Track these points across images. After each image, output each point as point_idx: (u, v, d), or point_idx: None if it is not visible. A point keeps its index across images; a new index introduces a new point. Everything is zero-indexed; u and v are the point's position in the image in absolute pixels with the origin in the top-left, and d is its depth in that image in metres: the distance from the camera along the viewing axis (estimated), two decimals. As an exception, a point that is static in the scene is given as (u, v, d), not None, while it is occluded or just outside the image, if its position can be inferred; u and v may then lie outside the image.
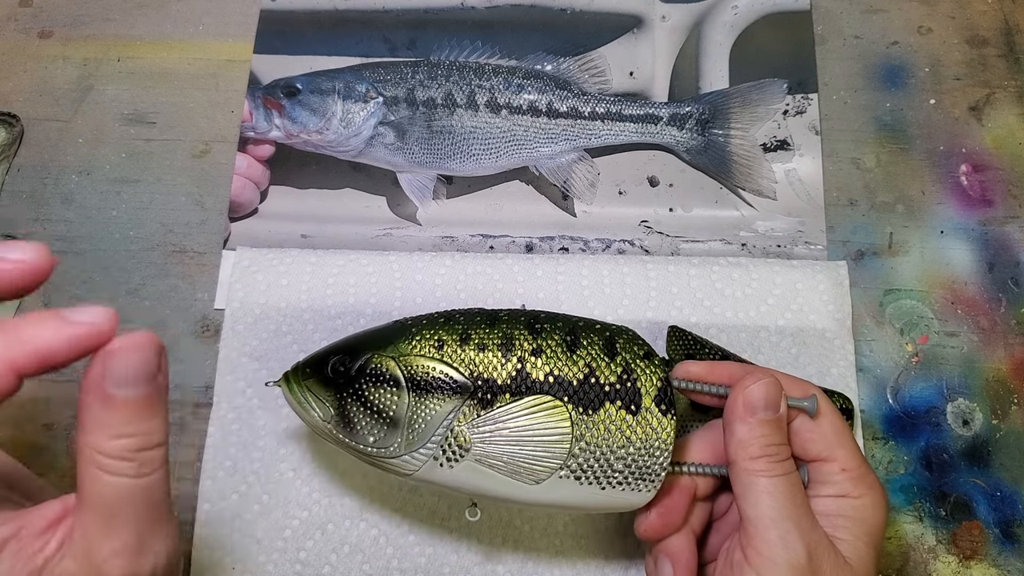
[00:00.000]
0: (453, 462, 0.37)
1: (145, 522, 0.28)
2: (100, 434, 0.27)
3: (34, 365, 0.27)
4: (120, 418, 0.28)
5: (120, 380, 0.27)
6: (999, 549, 0.46)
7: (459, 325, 0.38)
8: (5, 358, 0.26)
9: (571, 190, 0.54)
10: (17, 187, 0.54)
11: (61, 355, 0.27)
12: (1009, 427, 0.48)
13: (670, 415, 0.37)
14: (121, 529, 0.28)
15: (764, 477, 0.36)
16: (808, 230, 0.52)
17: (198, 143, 0.55)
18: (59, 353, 0.27)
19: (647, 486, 0.37)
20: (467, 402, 0.36)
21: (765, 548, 0.35)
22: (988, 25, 0.57)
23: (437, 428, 0.36)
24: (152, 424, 0.28)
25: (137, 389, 0.28)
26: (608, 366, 0.37)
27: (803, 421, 0.38)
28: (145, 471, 0.28)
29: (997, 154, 0.54)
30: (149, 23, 0.58)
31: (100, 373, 0.27)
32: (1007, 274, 0.51)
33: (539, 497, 0.37)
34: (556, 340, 0.37)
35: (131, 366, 0.28)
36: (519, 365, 0.37)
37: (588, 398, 0.37)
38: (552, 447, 0.36)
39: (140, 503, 0.28)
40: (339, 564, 0.45)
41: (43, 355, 0.27)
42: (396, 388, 0.37)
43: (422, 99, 0.54)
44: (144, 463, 0.28)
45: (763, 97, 0.54)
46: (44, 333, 0.27)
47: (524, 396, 0.36)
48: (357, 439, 0.37)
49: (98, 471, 0.27)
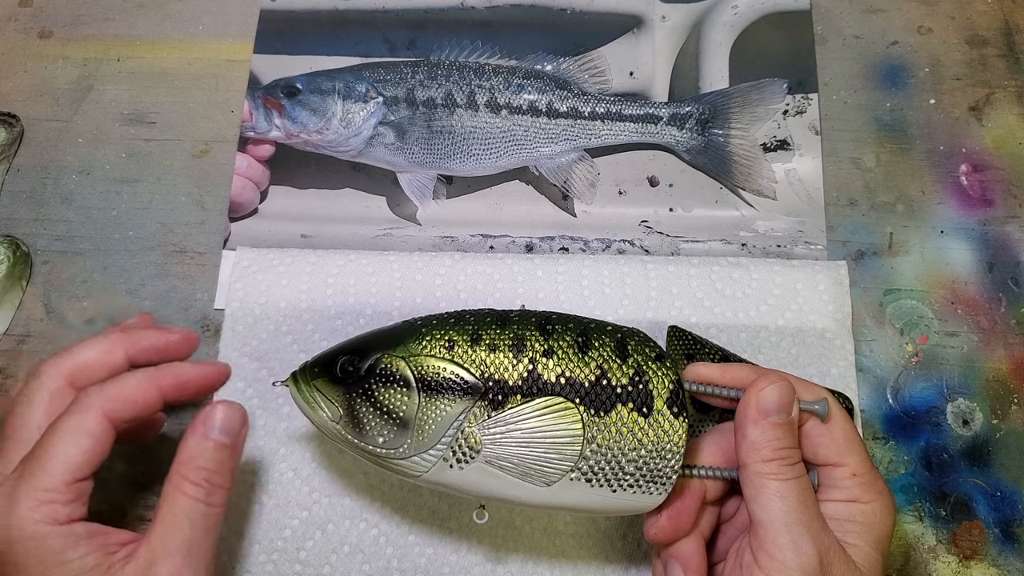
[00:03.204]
0: (463, 464, 0.36)
1: (197, 543, 0.36)
2: (190, 464, 0.37)
3: (173, 389, 0.38)
4: (208, 453, 0.37)
5: (217, 427, 0.38)
6: (999, 549, 0.46)
7: (469, 326, 0.38)
8: (152, 376, 0.38)
9: (571, 190, 0.54)
10: (17, 187, 0.54)
11: (192, 387, 0.39)
12: (1009, 427, 0.48)
13: (682, 418, 0.37)
14: (180, 542, 0.35)
15: (775, 480, 0.36)
16: (808, 230, 0.52)
17: (198, 143, 0.55)
18: (192, 384, 0.39)
19: (658, 489, 0.36)
20: (478, 403, 0.36)
21: (776, 552, 0.34)
22: (988, 25, 0.57)
23: (447, 429, 0.36)
24: (227, 466, 0.38)
25: (225, 437, 0.38)
26: (620, 368, 0.37)
27: (814, 425, 0.38)
28: (212, 501, 0.37)
29: (997, 154, 0.54)
30: (149, 23, 0.58)
31: (203, 420, 0.38)
32: (1007, 274, 0.51)
33: (550, 499, 0.37)
34: (568, 341, 0.37)
35: (226, 420, 0.38)
36: (530, 366, 0.37)
37: (600, 400, 0.36)
38: (563, 449, 0.36)
39: (199, 525, 0.36)
40: (339, 564, 0.45)
41: (182, 383, 0.38)
42: (406, 388, 0.36)
43: (422, 99, 0.54)
44: (212, 493, 0.37)
45: (763, 97, 0.54)
46: (185, 367, 0.39)
47: (535, 397, 0.36)
48: (366, 440, 0.37)
49: (178, 490, 0.36)
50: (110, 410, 0.36)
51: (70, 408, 0.36)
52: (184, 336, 0.42)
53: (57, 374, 0.38)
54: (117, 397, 0.36)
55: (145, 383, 0.37)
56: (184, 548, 0.35)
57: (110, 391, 0.36)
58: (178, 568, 0.35)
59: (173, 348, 0.41)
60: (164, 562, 0.35)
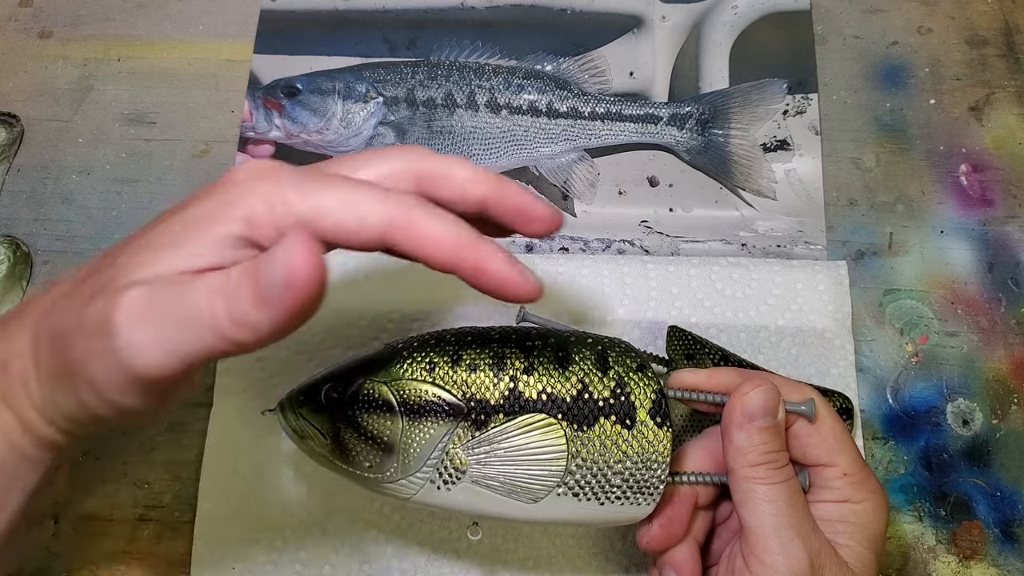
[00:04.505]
0: (450, 484, 0.36)
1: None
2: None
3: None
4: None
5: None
6: (999, 549, 0.46)
7: (450, 346, 0.38)
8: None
9: (571, 190, 0.54)
10: (17, 187, 0.54)
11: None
12: (1009, 427, 0.48)
13: (666, 427, 0.37)
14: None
15: (763, 484, 0.35)
16: (808, 230, 0.52)
17: (198, 143, 0.55)
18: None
19: (646, 499, 0.36)
20: (461, 424, 0.36)
21: (767, 556, 0.34)
22: (988, 25, 0.57)
23: (432, 451, 0.36)
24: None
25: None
26: (601, 381, 0.37)
27: (802, 426, 0.38)
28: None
29: (997, 154, 0.54)
30: (149, 23, 0.58)
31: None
32: (1007, 274, 0.51)
33: (538, 515, 0.37)
34: (548, 357, 0.37)
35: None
36: (511, 384, 0.36)
37: (582, 414, 0.36)
38: (548, 465, 0.36)
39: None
40: (339, 564, 0.45)
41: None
42: (389, 413, 0.36)
43: (422, 99, 0.54)
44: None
45: (763, 97, 0.54)
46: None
47: (517, 415, 0.36)
48: (353, 465, 0.37)
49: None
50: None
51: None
52: (550, 212, 0.33)
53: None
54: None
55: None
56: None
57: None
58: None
59: (534, 218, 0.33)
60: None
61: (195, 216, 0.29)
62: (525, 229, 0.33)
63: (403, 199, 0.29)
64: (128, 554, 0.46)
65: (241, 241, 0.28)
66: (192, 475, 0.47)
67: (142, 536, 0.46)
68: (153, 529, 0.46)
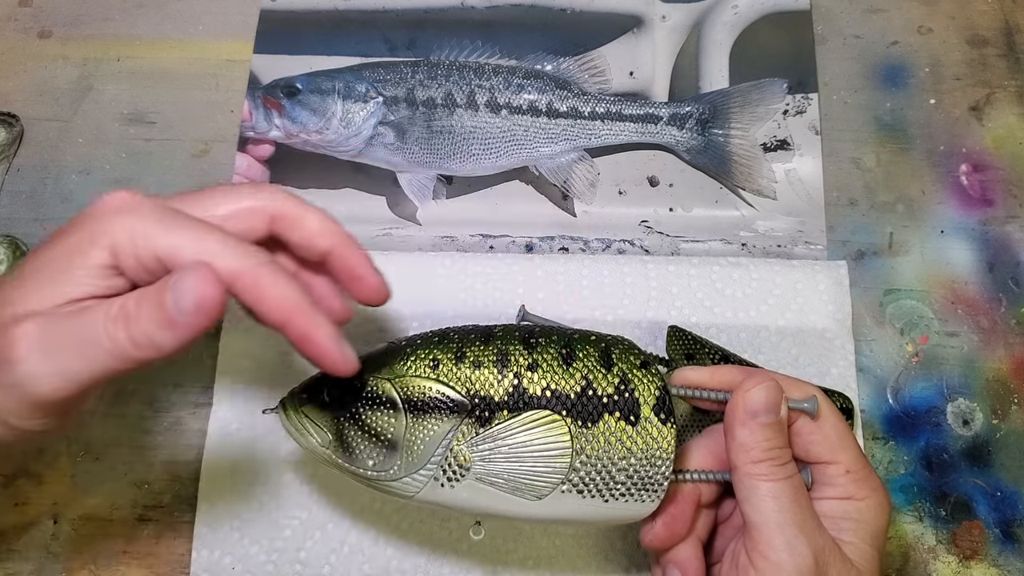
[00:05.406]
0: (454, 482, 0.36)
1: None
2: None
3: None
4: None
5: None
6: (999, 549, 0.46)
7: (453, 343, 0.38)
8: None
9: (571, 190, 0.54)
10: (17, 187, 0.54)
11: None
12: (1009, 427, 0.48)
13: (670, 424, 0.37)
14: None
15: (767, 481, 0.35)
16: (808, 230, 0.52)
17: (198, 143, 0.55)
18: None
19: (650, 496, 0.36)
20: (465, 421, 0.36)
21: (771, 553, 0.34)
22: (988, 25, 0.57)
23: (436, 448, 0.36)
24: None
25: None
26: (605, 377, 0.37)
27: (805, 423, 0.38)
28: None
29: (997, 154, 0.54)
30: (149, 23, 0.58)
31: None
32: (1007, 274, 0.51)
33: (542, 513, 0.37)
34: (552, 354, 0.37)
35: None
36: (515, 381, 0.36)
37: (586, 411, 0.36)
38: (552, 462, 0.36)
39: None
40: (339, 564, 0.45)
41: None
42: (393, 410, 0.36)
43: (422, 99, 0.54)
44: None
45: (763, 97, 0.54)
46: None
47: (522, 412, 0.36)
48: (356, 463, 0.37)
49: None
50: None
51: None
52: (382, 284, 0.36)
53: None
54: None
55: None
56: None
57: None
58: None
59: (365, 285, 0.36)
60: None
61: (66, 249, 0.32)
62: (353, 292, 0.36)
63: (255, 256, 0.31)
64: (128, 554, 0.46)
65: (110, 271, 0.31)
66: (192, 475, 0.47)
67: (142, 536, 0.46)
68: (153, 529, 0.46)
